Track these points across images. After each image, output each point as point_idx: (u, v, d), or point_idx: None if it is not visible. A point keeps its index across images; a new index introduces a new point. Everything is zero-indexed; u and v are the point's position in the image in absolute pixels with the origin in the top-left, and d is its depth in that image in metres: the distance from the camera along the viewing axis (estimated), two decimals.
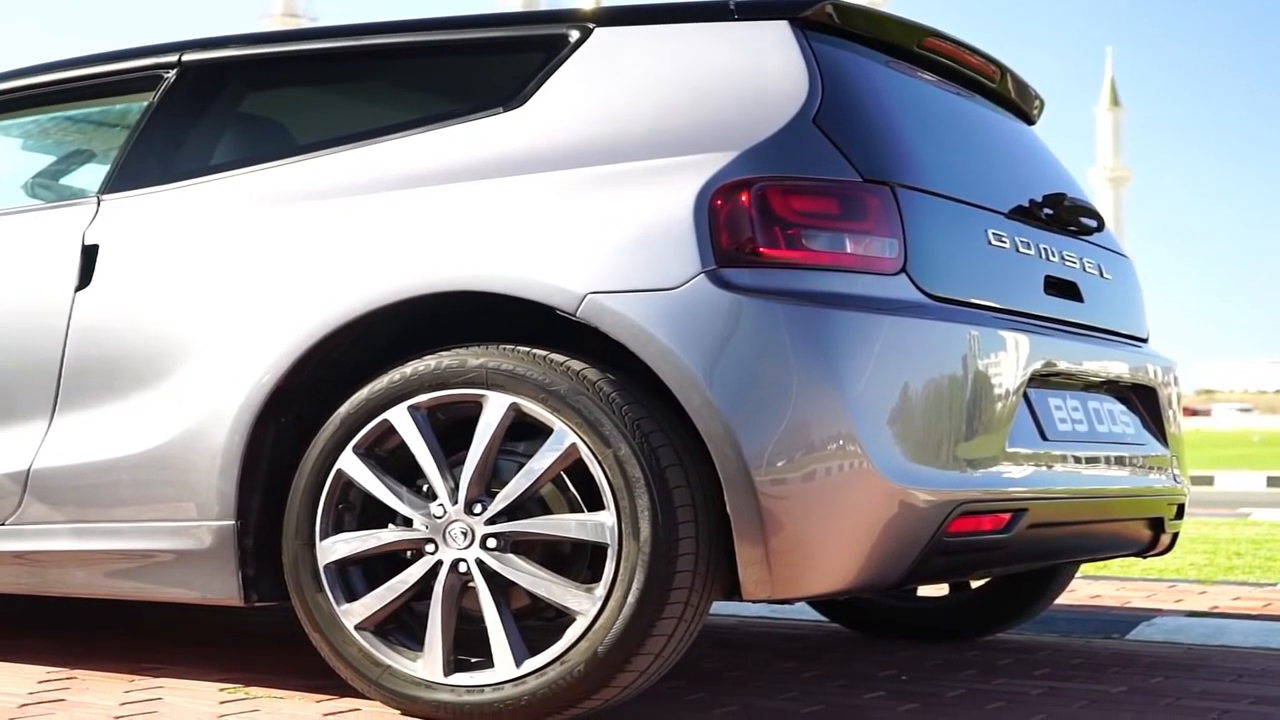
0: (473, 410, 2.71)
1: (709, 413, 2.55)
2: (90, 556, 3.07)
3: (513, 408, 2.67)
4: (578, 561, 2.71)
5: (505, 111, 2.94)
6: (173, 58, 3.38)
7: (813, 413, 2.55)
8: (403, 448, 2.77)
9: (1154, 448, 3.40)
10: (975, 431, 2.76)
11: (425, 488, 2.76)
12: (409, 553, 2.77)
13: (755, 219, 2.64)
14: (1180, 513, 3.52)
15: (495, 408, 2.68)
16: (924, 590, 4.04)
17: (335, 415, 2.82)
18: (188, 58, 3.37)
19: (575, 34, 2.99)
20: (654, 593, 2.54)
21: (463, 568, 2.69)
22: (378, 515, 2.81)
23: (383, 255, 2.84)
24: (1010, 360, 2.87)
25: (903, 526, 2.61)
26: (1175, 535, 3.53)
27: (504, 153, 2.87)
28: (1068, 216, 3.32)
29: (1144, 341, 3.64)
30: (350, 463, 2.79)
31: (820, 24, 2.94)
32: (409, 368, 2.76)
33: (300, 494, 2.83)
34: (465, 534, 2.69)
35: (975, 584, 3.98)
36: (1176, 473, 3.50)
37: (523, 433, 2.71)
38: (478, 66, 3.14)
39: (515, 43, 3.08)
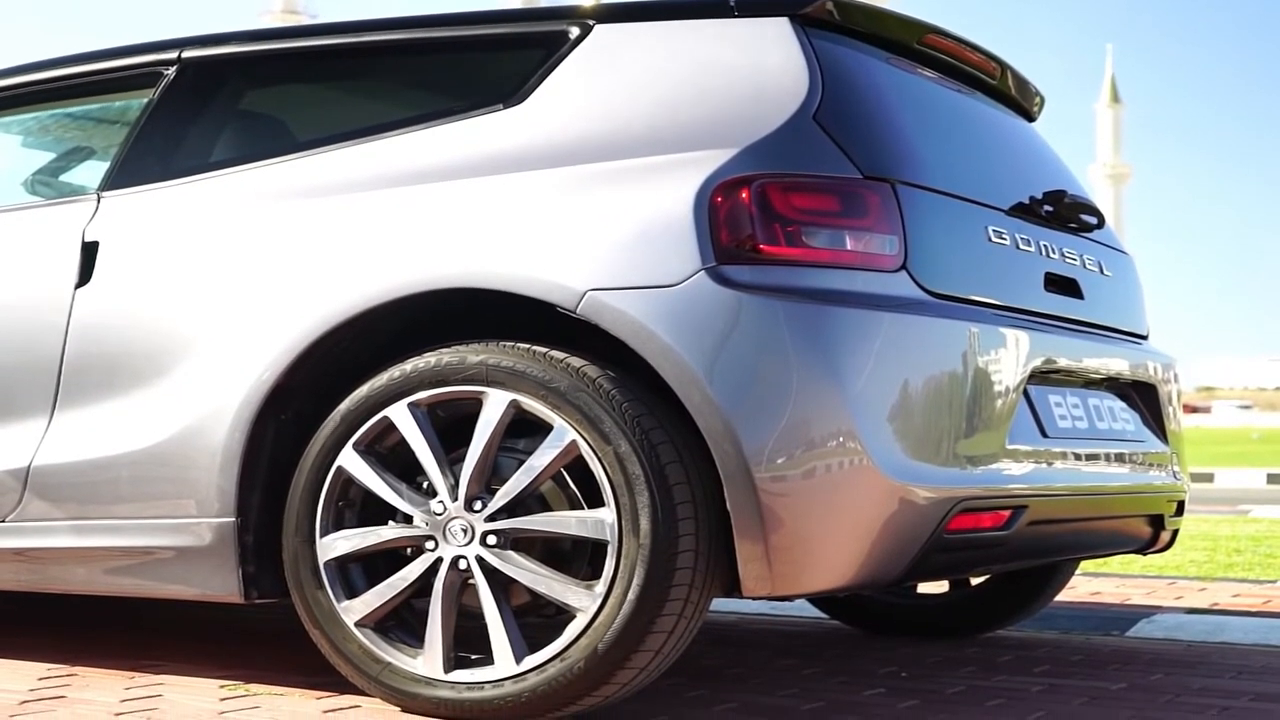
0: (473, 407, 2.71)
1: (709, 409, 2.54)
2: (90, 553, 3.07)
3: (513, 405, 2.67)
4: (578, 558, 2.71)
5: (505, 108, 2.94)
6: (173, 54, 3.38)
7: (813, 410, 2.55)
8: (403, 445, 2.77)
9: (1154, 445, 3.40)
10: (975, 428, 2.76)
11: (425, 485, 2.76)
12: (409, 550, 2.77)
13: (755, 216, 2.64)
14: (1180, 510, 3.52)
15: (495, 405, 2.68)
16: (924, 587, 4.04)
17: (335, 412, 2.82)
18: (188, 54, 3.37)
19: (576, 31, 2.99)
20: (654, 589, 2.54)
21: (463, 564, 2.69)
22: (378, 512, 2.81)
23: (383, 252, 2.84)
24: (1010, 357, 2.87)
25: (903, 523, 2.61)
26: (1175, 532, 3.53)
27: (504, 149, 2.87)
28: (1068, 213, 3.32)
29: (1144, 338, 3.64)
30: (350, 460, 2.79)
31: (820, 21, 2.94)
32: (409, 365, 2.76)
33: (300, 491, 2.83)
34: (465, 531, 2.69)
35: (975, 581, 3.98)
36: (1176, 470, 3.50)
37: (523, 430, 2.71)
38: (478, 63, 3.14)
39: (515, 39, 3.08)
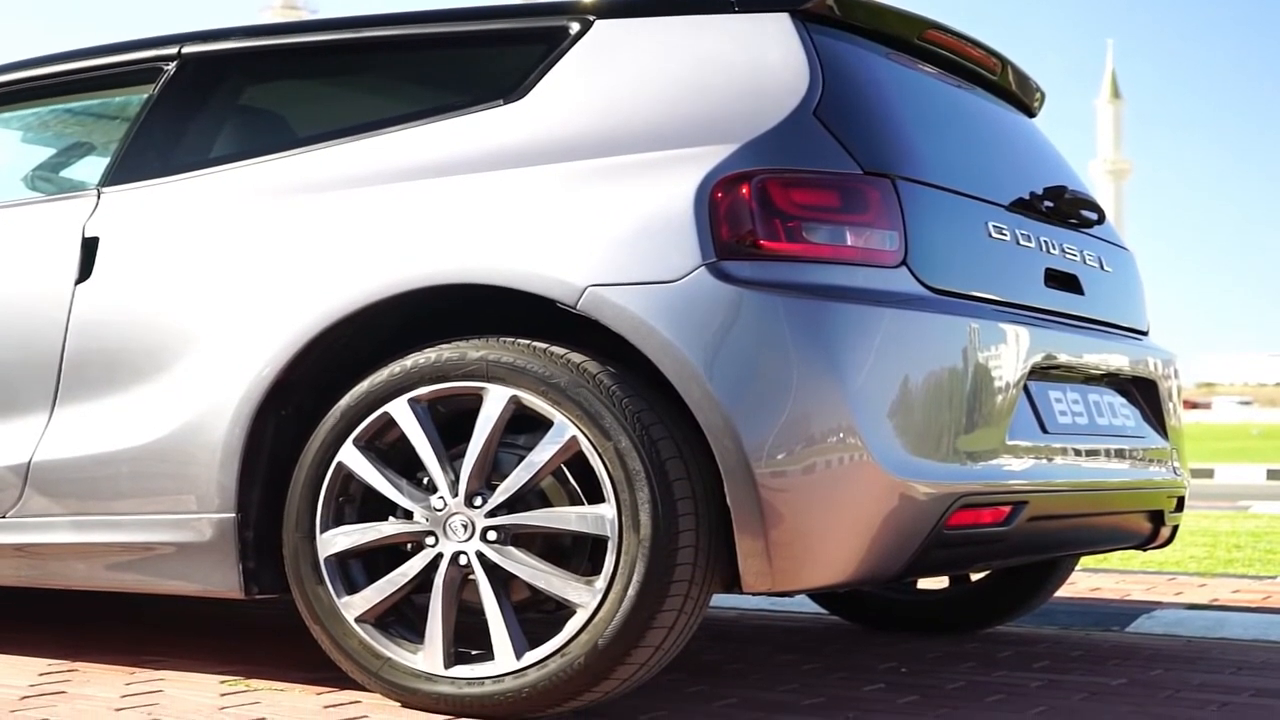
0: (473, 403, 2.71)
1: (709, 405, 2.54)
2: (91, 549, 3.07)
3: (513, 400, 2.67)
4: (578, 554, 2.71)
5: (506, 104, 2.94)
6: (173, 50, 3.38)
7: (813, 405, 2.55)
8: (403, 440, 2.77)
9: (1154, 440, 3.40)
10: (975, 424, 2.76)
11: (425, 480, 2.76)
12: (409, 545, 2.77)
13: (756, 211, 2.64)
14: (1180, 505, 3.52)
15: (495, 400, 2.68)
16: (924, 583, 4.04)
17: (336, 408, 2.82)
18: (188, 50, 3.36)
19: (576, 26, 2.99)
20: (654, 585, 2.54)
21: (463, 560, 2.69)
22: (378, 508, 2.81)
23: (383, 248, 2.84)
24: (1010, 353, 2.87)
25: (903, 519, 2.61)
26: (1175, 528, 3.53)
27: (504, 145, 2.87)
28: (1068, 209, 3.32)
29: (1144, 334, 3.64)
30: (351, 455, 2.79)
31: (821, 16, 2.94)
32: (409, 360, 2.76)
33: (301, 487, 2.83)
34: (465, 526, 2.69)
35: (975, 576, 3.98)
36: (1176, 465, 3.50)
37: (523, 425, 2.71)
38: (478, 59, 3.13)
39: (516, 35, 3.07)
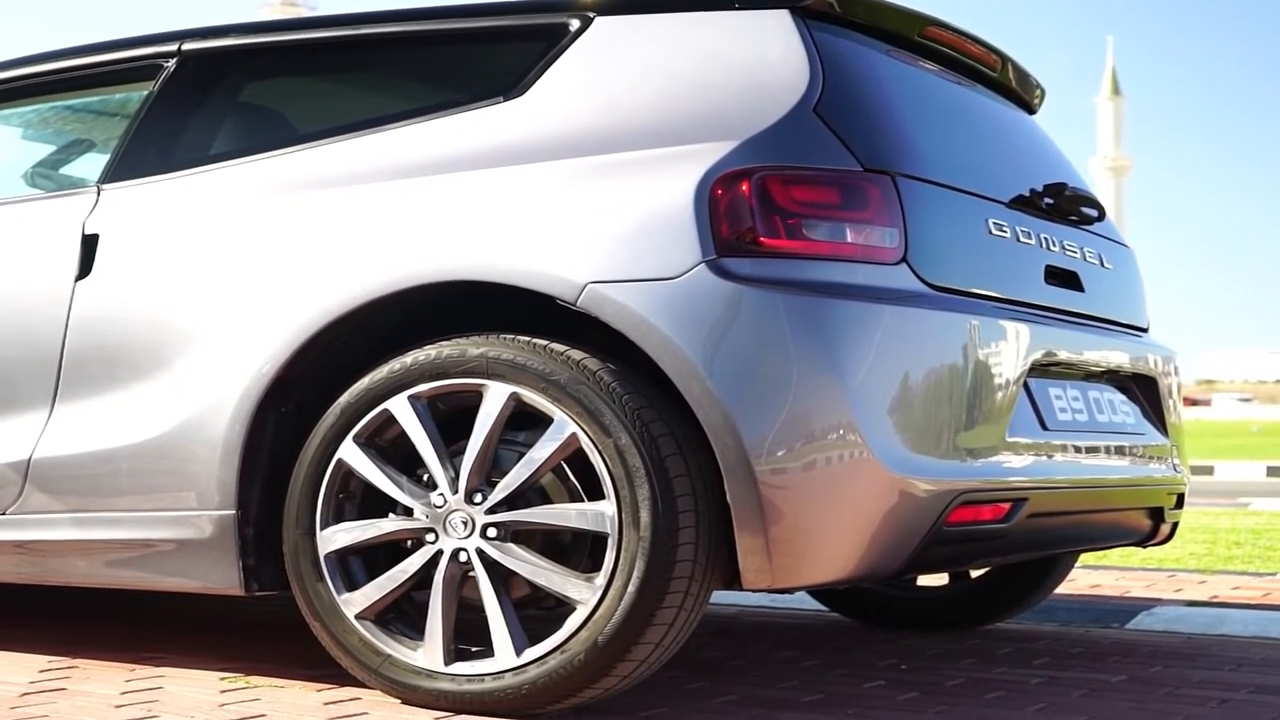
0: (473, 400, 2.71)
1: (709, 402, 2.55)
2: (91, 546, 3.08)
3: (513, 397, 2.67)
4: (578, 551, 2.71)
5: (505, 101, 2.93)
6: (172, 47, 3.38)
7: (813, 402, 2.55)
8: (403, 437, 2.77)
9: (1154, 437, 3.40)
10: (975, 421, 2.76)
11: (425, 477, 2.76)
12: (409, 542, 2.77)
13: (756, 208, 2.64)
14: (1180, 502, 3.52)
15: (495, 397, 2.68)
16: (924, 580, 4.04)
17: (335, 405, 2.82)
18: (187, 47, 3.36)
19: (576, 23, 2.99)
20: (654, 582, 2.55)
21: (463, 557, 2.69)
22: (378, 505, 2.81)
23: (383, 245, 2.84)
24: (1010, 350, 2.87)
25: (903, 516, 2.61)
26: (1175, 525, 3.54)
27: (504, 142, 2.87)
28: (1068, 206, 3.32)
29: (1144, 331, 3.64)
30: (351, 452, 2.79)
31: (821, 13, 2.94)
32: (409, 357, 2.76)
33: (301, 483, 2.83)
34: (465, 523, 2.69)
35: (975, 573, 3.98)
36: (1176, 462, 3.50)
37: (523, 422, 2.71)
38: (478, 56, 3.13)
39: (516, 32, 3.07)
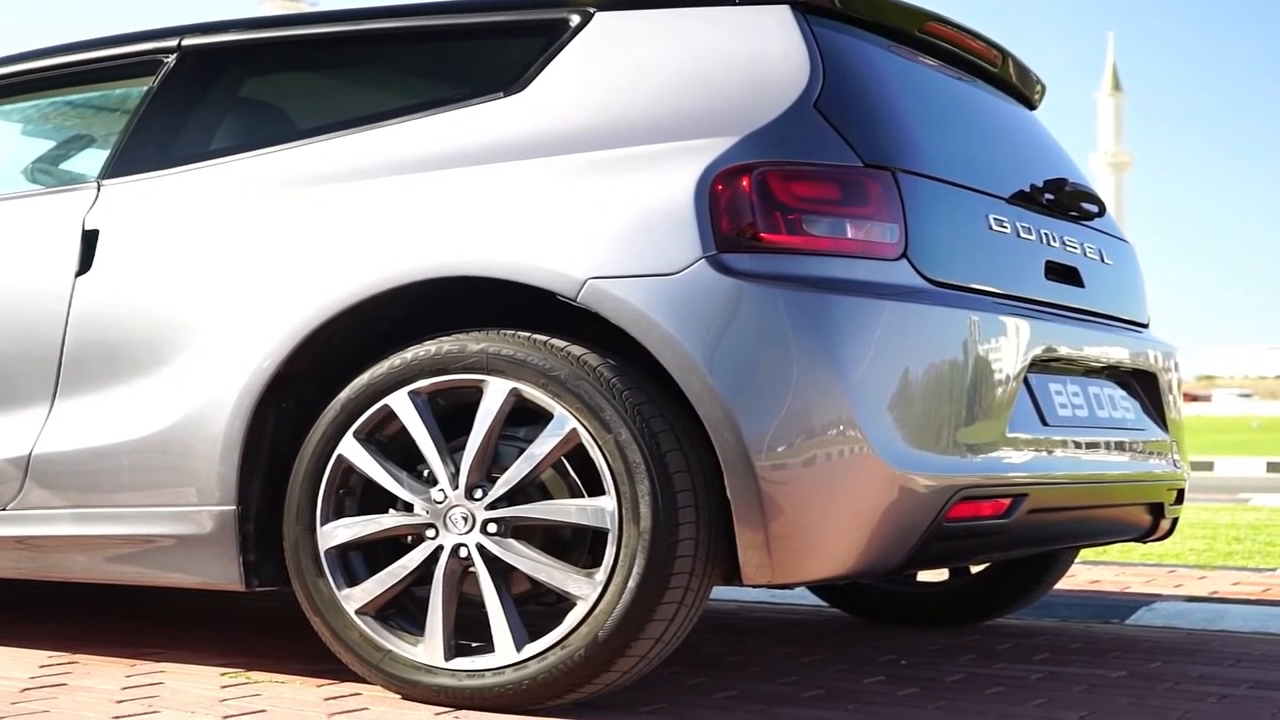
0: (473, 395, 2.71)
1: (709, 398, 2.55)
2: (91, 541, 3.08)
3: (513, 393, 2.67)
4: (578, 546, 2.71)
5: (506, 96, 2.93)
6: (172, 42, 3.37)
7: (813, 398, 2.55)
8: (403, 433, 2.77)
9: (1154, 433, 3.40)
10: (975, 417, 2.76)
11: (426, 473, 2.76)
12: (409, 538, 2.77)
13: (756, 204, 2.64)
14: (1180, 498, 3.52)
15: (496, 393, 2.68)
16: (924, 575, 4.04)
17: (336, 400, 2.82)
18: (187, 42, 3.36)
19: (576, 18, 2.98)
20: (654, 578, 2.55)
21: (463, 553, 2.69)
22: (378, 500, 2.81)
23: (383, 240, 2.84)
24: (1011, 345, 2.87)
25: (903, 511, 2.61)
26: (1175, 520, 3.54)
27: (505, 138, 2.87)
28: (1069, 201, 3.32)
29: (1145, 327, 3.64)
30: (351, 448, 2.80)
31: (821, 8, 2.93)
32: (409, 353, 2.76)
33: (301, 479, 2.83)
34: (466, 519, 2.69)
35: (975, 569, 3.98)
36: (1176, 458, 3.50)
37: (523, 418, 2.71)
38: (478, 51, 3.13)
39: (516, 27, 3.07)
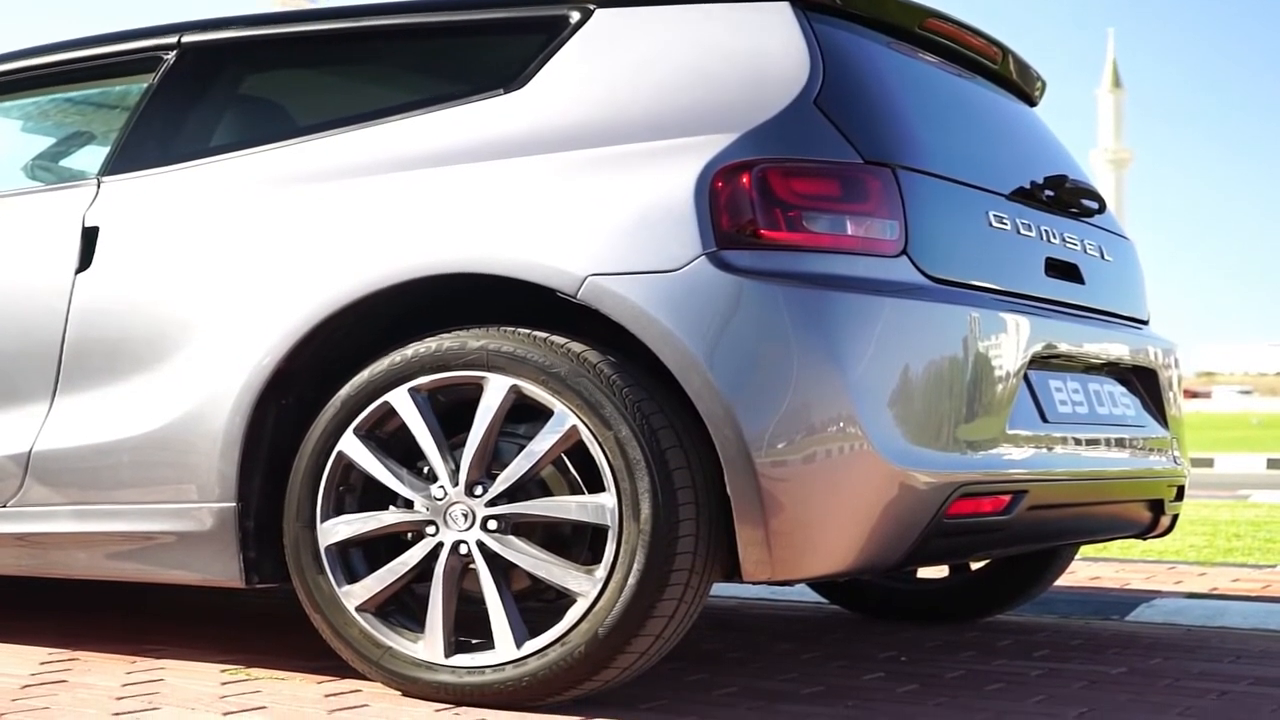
0: (473, 392, 2.71)
1: (709, 394, 2.55)
2: (92, 538, 3.08)
3: (513, 390, 2.67)
4: (578, 543, 2.71)
5: (506, 93, 2.93)
6: (172, 39, 3.37)
7: (813, 395, 2.55)
8: (403, 430, 2.77)
9: (1154, 430, 3.40)
10: (976, 413, 2.76)
11: (426, 470, 2.76)
12: (410, 534, 2.77)
13: (756, 201, 2.64)
14: (1180, 494, 3.52)
15: (496, 390, 2.68)
16: (924, 572, 4.04)
17: (336, 397, 2.82)
18: (187, 39, 3.36)
19: (576, 15, 2.98)
20: (654, 574, 2.55)
21: (463, 549, 2.69)
22: (378, 497, 2.81)
23: (383, 237, 2.84)
24: (1011, 342, 2.87)
25: (903, 508, 2.61)
26: (1175, 517, 3.54)
27: (505, 134, 2.87)
28: (1069, 198, 3.32)
29: (1145, 323, 3.64)
30: (351, 445, 2.80)
31: (821, 5, 2.93)
32: (410, 350, 2.76)
33: (301, 476, 2.83)
34: (466, 516, 2.70)
35: (975, 565, 3.98)
36: (1176, 455, 3.50)
37: (523, 415, 2.71)
38: (478, 48, 3.13)
39: (516, 24, 3.07)
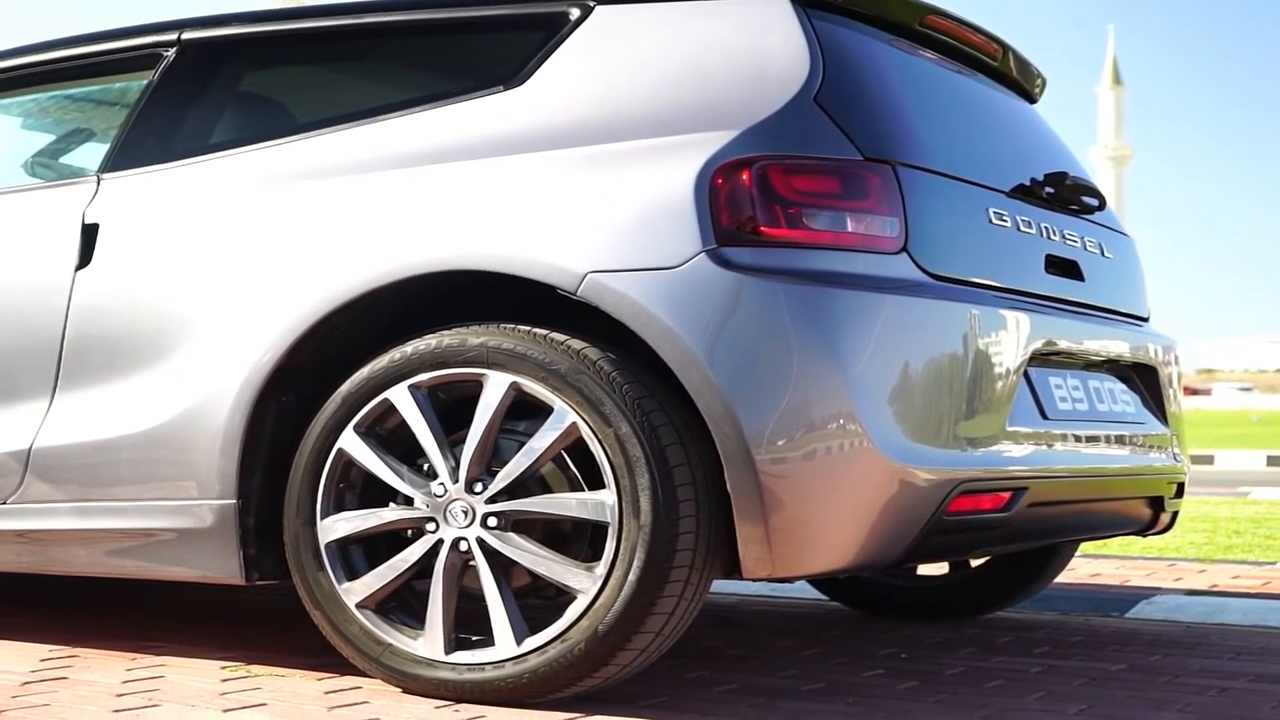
0: (473, 389, 2.71)
1: (709, 391, 2.55)
2: (92, 535, 3.08)
3: (513, 387, 2.67)
4: (578, 540, 2.72)
5: (505, 90, 2.93)
6: (172, 36, 3.37)
7: (813, 392, 2.55)
8: (403, 427, 2.77)
9: (1154, 426, 3.40)
10: (976, 410, 2.76)
11: (426, 467, 2.76)
12: (410, 531, 2.77)
13: (756, 198, 2.64)
14: (1180, 491, 3.52)
15: (496, 387, 2.68)
16: (924, 569, 4.04)
17: (336, 394, 2.82)
18: (187, 36, 3.36)
19: (576, 12, 2.98)
20: (654, 571, 2.55)
21: (463, 546, 2.69)
22: (378, 494, 2.81)
23: (383, 234, 2.84)
24: (1011, 339, 2.87)
25: (903, 505, 2.61)
26: (1175, 514, 3.54)
27: (505, 131, 2.87)
28: (1069, 195, 3.32)
29: (1145, 320, 3.64)
30: (351, 442, 2.80)
31: (821, 1, 2.93)
32: (409, 347, 2.76)
33: (301, 473, 2.83)
34: (466, 513, 2.70)
35: (975, 562, 3.98)
36: (1176, 451, 3.50)
37: (523, 412, 2.71)
38: (478, 45, 3.13)
39: (516, 21, 3.07)
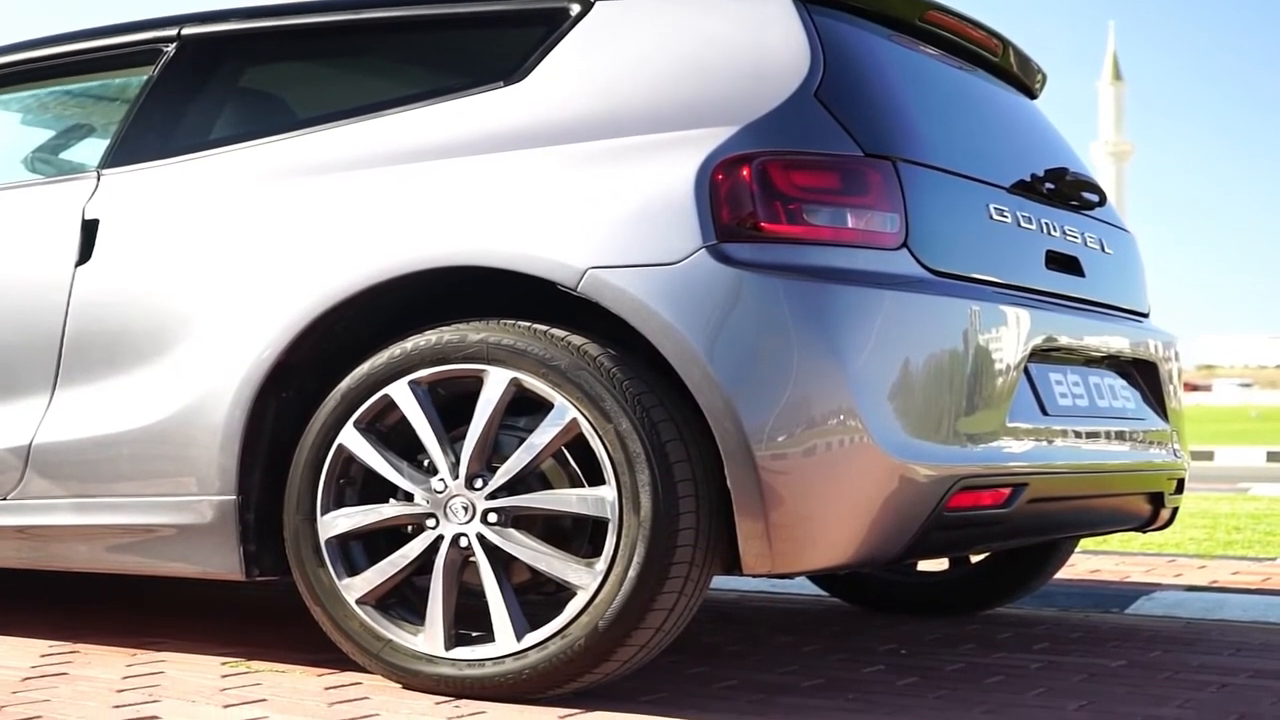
0: (474, 385, 2.71)
1: (709, 387, 2.55)
2: (92, 531, 3.08)
3: (513, 383, 2.67)
4: (578, 536, 2.72)
5: (506, 86, 2.93)
6: (172, 31, 3.37)
7: (813, 387, 2.55)
8: (404, 423, 2.77)
9: (1154, 422, 3.40)
10: (976, 406, 2.76)
11: (426, 463, 2.76)
12: (410, 527, 2.77)
13: (756, 194, 2.64)
14: (1180, 487, 3.52)
15: (496, 383, 2.68)
16: (924, 565, 4.05)
17: (336, 390, 2.82)
18: (187, 31, 3.36)
19: (576, 7, 2.98)
20: (654, 567, 2.55)
21: (464, 542, 2.70)
22: (379, 490, 2.81)
23: (384, 230, 2.84)
24: (1011, 335, 2.87)
25: (903, 501, 2.61)
26: (1175, 510, 3.54)
27: (505, 127, 2.86)
28: (1069, 191, 3.32)
29: (1145, 316, 3.64)
30: (351, 438, 2.80)
31: None
32: (410, 343, 2.76)
33: (301, 469, 2.83)
34: (466, 509, 2.70)
35: (975, 558, 3.98)
36: (1176, 447, 3.50)
37: (524, 408, 2.71)
38: (478, 40, 3.13)
39: (516, 16, 3.07)
